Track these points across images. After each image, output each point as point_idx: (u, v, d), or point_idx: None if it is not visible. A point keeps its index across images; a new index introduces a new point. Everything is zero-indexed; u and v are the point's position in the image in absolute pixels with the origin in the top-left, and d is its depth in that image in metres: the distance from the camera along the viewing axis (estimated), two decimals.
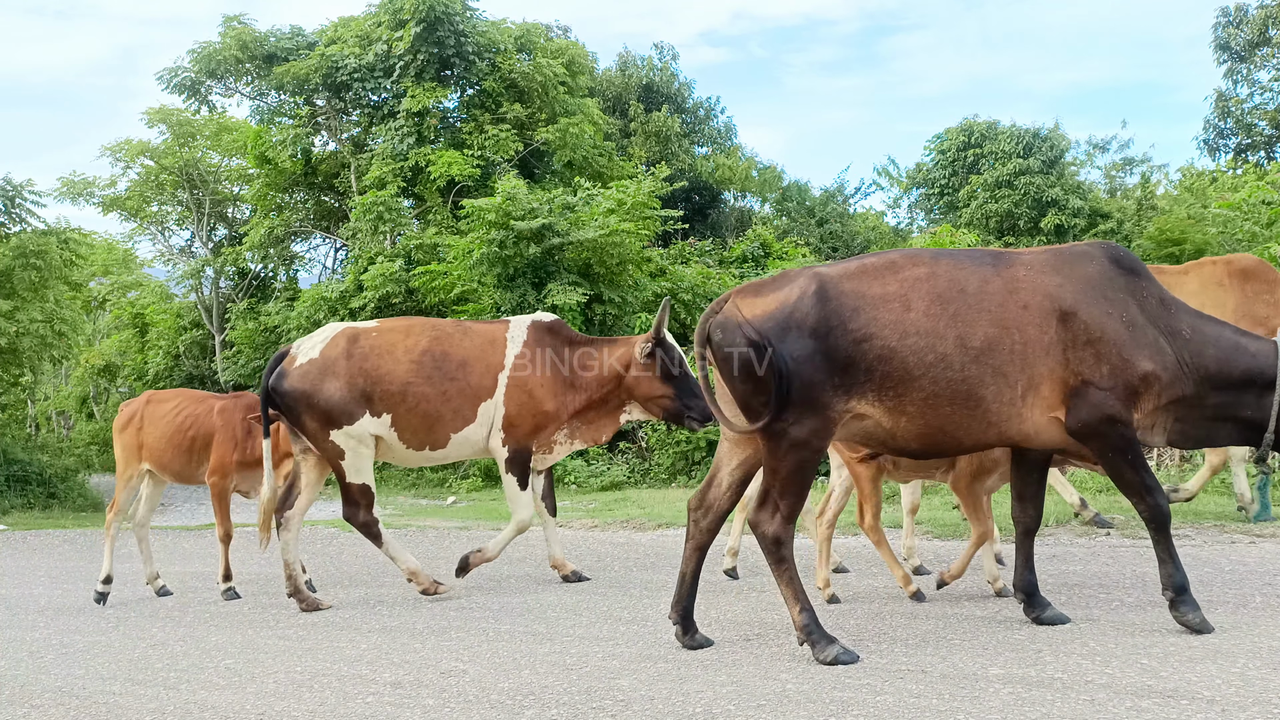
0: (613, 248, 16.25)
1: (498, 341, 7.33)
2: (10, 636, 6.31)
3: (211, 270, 24.41)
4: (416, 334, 7.30)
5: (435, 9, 19.98)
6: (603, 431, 7.55)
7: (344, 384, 7.09)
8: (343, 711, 4.34)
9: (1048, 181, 23.22)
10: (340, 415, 7.06)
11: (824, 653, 4.66)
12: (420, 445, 7.24)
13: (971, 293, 4.78)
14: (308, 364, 7.18)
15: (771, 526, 4.89)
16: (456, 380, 7.20)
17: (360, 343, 7.23)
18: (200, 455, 7.76)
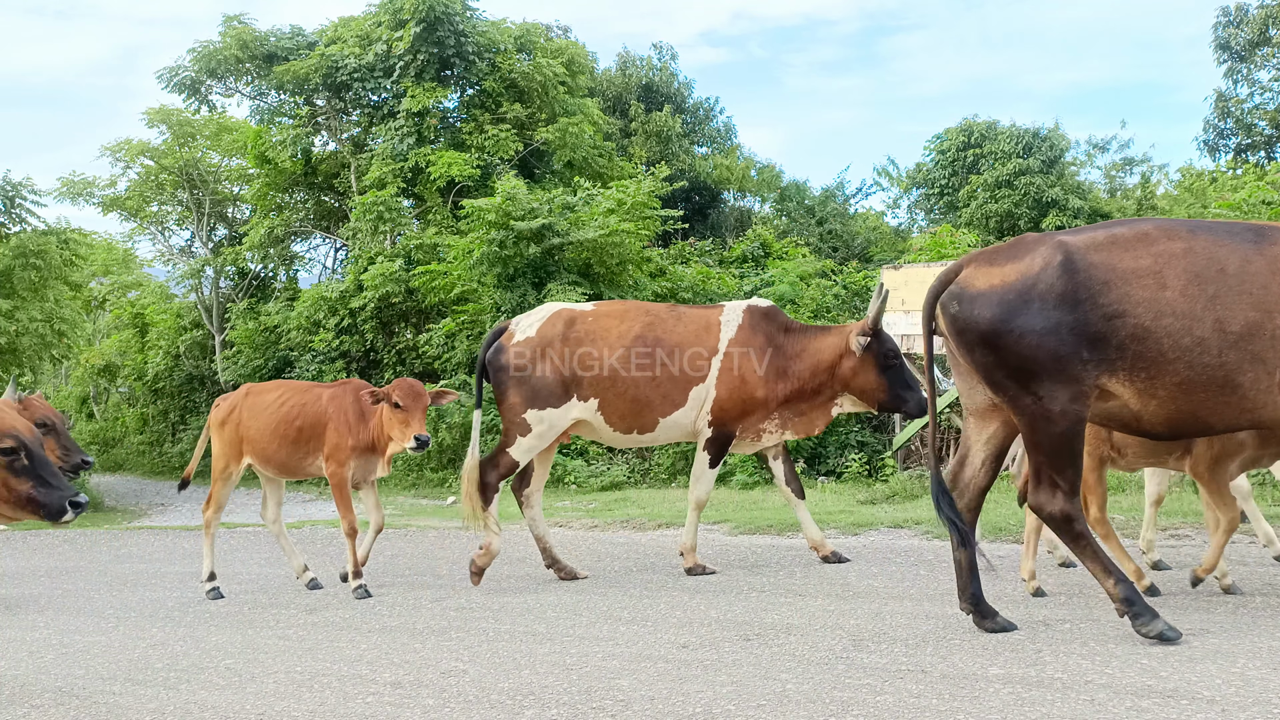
0: (613, 248, 16.25)
1: (711, 326, 7.32)
2: (10, 636, 6.31)
3: (211, 270, 24.39)
4: (631, 319, 7.35)
5: (435, 9, 19.98)
6: (815, 424, 7.43)
7: (557, 365, 7.20)
8: (343, 711, 4.34)
9: (1048, 181, 23.22)
10: (547, 396, 7.18)
11: (1148, 626, 4.54)
12: (628, 429, 7.29)
13: (1232, 273, 4.55)
14: (524, 341, 7.32)
15: (1056, 505, 4.74)
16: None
17: (576, 326, 7.32)
18: (309, 446, 7.47)
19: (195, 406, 24.91)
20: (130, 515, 16.23)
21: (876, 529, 8.89)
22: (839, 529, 9.01)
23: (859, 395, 7.23)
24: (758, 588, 6.56)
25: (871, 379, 7.12)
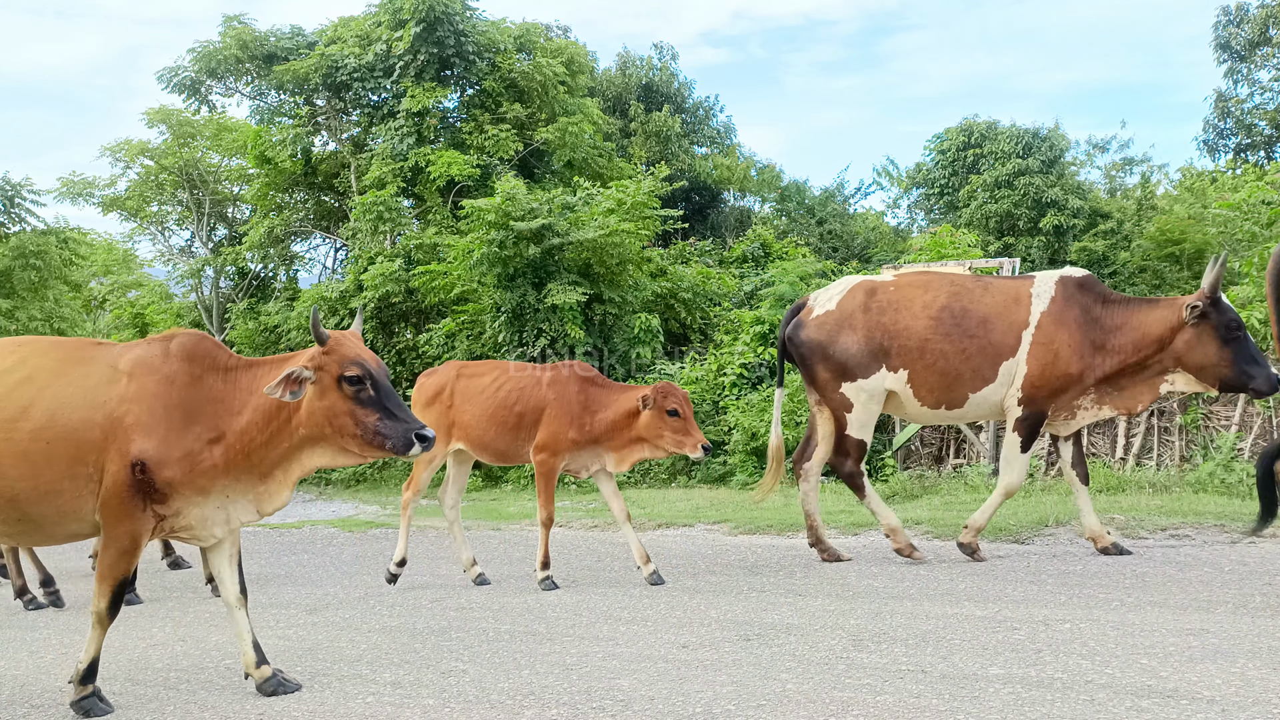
0: (612, 248, 16.25)
1: (1022, 298, 7.02)
2: (10, 636, 6.31)
3: (211, 270, 24.41)
4: (935, 289, 7.16)
5: (435, 9, 19.98)
6: (1138, 400, 7.01)
7: (861, 337, 7.10)
8: (343, 711, 4.34)
9: (1047, 181, 23.21)
10: (855, 368, 7.08)
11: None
12: (936, 403, 7.10)
13: None
14: (824, 315, 7.23)
15: None
16: (977, 338, 6.97)
17: (878, 296, 7.19)
18: (529, 433, 7.05)
19: None
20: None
21: (877, 529, 8.88)
22: (839, 529, 9.01)
23: (1196, 373, 6.76)
24: (758, 588, 6.56)
25: (1211, 353, 6.63)
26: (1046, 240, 22.39)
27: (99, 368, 4.58)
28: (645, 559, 6.97)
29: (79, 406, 4.47)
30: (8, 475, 4.44)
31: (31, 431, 4.42)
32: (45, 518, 4.51)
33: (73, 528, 4.60)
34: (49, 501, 4.47)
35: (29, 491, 4.45)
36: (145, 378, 4.55)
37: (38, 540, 4.78)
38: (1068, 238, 22.27)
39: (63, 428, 4.43)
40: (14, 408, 4.47)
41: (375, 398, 4.50)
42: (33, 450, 4.42)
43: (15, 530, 4.62)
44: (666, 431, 6.73)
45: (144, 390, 4.52)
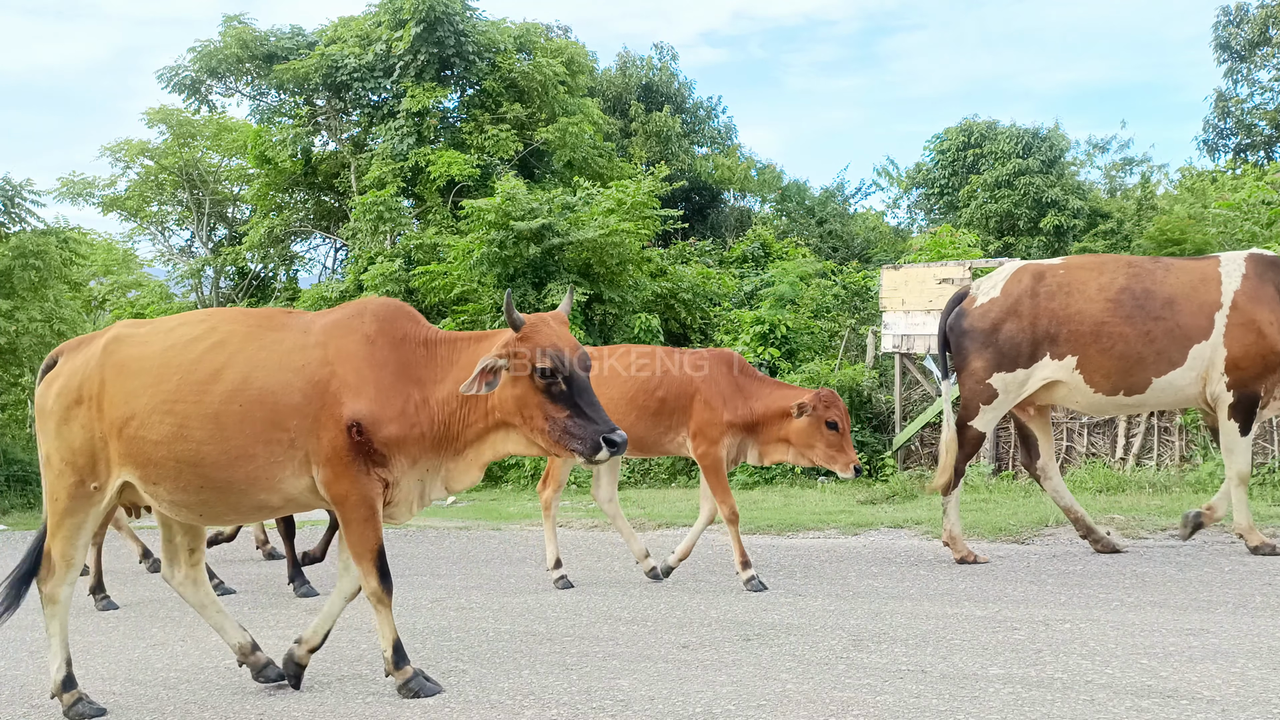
0: (612, 248, 16.25)
1: (1210, 279, 6.75)
2: (10, 636, 6.31)
3: (211, 270, 24.42)
4: (1111, 271, 6.88)
5: (435, 9, 19.99)
6: None
7: (1026, 324, 6.86)
8: (343, 711, 4.34)
9: (1047, 181, 23.22)
10: (1016, 357, 6.85)
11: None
12: (1113, 389, 6.78)
13: None
14: (989, 303, 6.99)
15: None
16: (1162, 320, 6.68)
17: (1046, 280, 6.94)
18: (671, 420, 6.61)
19: None
20: None
21: (876, 529, 8.88)
22: (839, 529, 9.01)
23: None
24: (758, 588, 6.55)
25: None
26: (1046, 240, 22.40)
27: (292, 333, 4.50)
28: (745, 564, 6.53)
29: (276, 370, 4.38)
30: (193, 438, 4.35)
31: (224, 394, 4.34)
32: (233, 484, 4.39)
33: (261, 497, 4.47)
34: (238, 467, 4.36)
35: (217, 455, 4.35)
36: (344, 339, 4.44)
37: (221, 513, 4.62)
38: (1068, 238, 22.27)
39: (258, 390, 4.34)
40: (206, 371, 4.39)
41: (567, 393, 4.24)
42: (225, 413, 4.33)
43: (198, 501, 4.48)
44: (819, 443, 6.36)
45: (345, 351, 4.41)
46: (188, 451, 4.35)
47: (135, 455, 4.44)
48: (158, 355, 4.51)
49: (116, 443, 4.47)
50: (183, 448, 4.35)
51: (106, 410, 4.49)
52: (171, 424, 4.37)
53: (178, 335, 4.56)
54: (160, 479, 4.43)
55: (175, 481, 4.41)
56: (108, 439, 4.50)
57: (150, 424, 4.40)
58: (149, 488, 4.48)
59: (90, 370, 4.59)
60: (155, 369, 4.47)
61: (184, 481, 4.41)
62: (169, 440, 4.37)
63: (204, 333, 4.52)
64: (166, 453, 4.38)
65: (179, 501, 4.49)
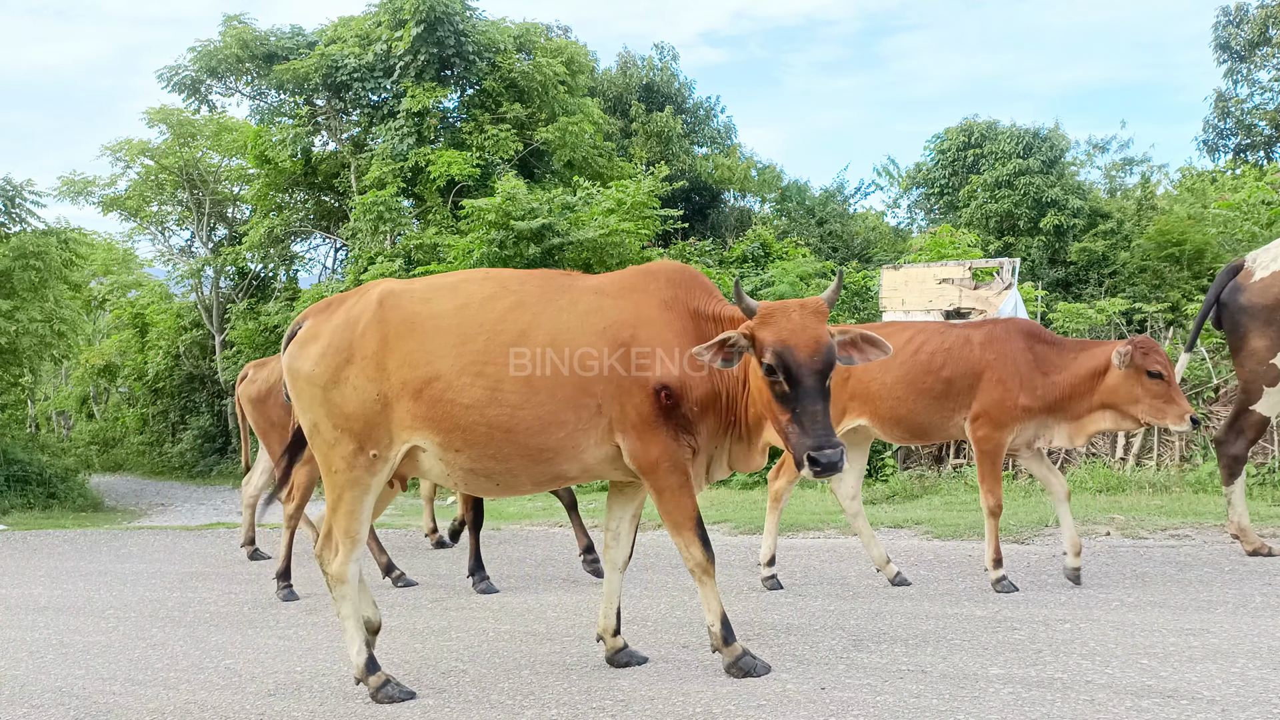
0: (613, 248, 16.26)
1: None
2: (10, 636, 6.31)
3: (211, 270, 24.41)
4: None
5: (435, 9, 19.98)
6: None
7: None
8: (343, 711, 4.34)
9: (1048, 182, 23.20)
10: None
11: None
12: None
13: None
14: (1271, 276, 6.49)
15: None
16: None
17: None
18: (958, 401, 5.97)
19: (195, 406, 24.95)
20: (130, 515, 16.23)
21: (876, 529, 8.88)
22: (839, 529, 9.01)
23: None
24: (758, 588, 6.55)
25: None
26: (1046, 240, 22.38)
27: (585, 295, 4.37)
28: (1077, 551, 6.07)
29: (579, 332, 4.25)
30: (508, 402, 4.17)
31: (534, 357, 4.20)
32: (543, 451, 4.23)
33: (563, 466, 4.31)
34: (550, 433, 4.21)
35: (531, 420, 4.19)
36: (643, 302, 4.30)
37: (521, 484, 4.43)
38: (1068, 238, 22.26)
39: (565, 354, 4.22)
40: (512, 332, 4.23)
41: (789, 395, 3.91)
42: (537, 376, 4.19)
43: (503, 470, 4.30)
44: (1145, 397, 5.63)
45: (645, 315, 4.28)
46: (502, 416, 4.16)
47: (438, 420, 4.22)
48: (453, 313, 4.30)
49: (411, 405, 4.23)
50: (496, 412, 4.17)
51: (393, 370, 4.25)
52: (484, 387, 4.17)
53: (468, 293, 4.36)
54: (465, 445, 4.23)
55: (484, 448, 4.22)
56: (392, 402, 4.26)
57: (459, 387, 4.18)
58: (447, 455, 4.27)
59: (363, 328, 4.34)
60: (455, 328, 4.27)
61: (493, 449, 4.22)
62: (482, 404, 4.17)
63: (497, 291, 4.34)
64: (479, 417, 4.18)
65: (480, 470, 4.29)
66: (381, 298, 4.39)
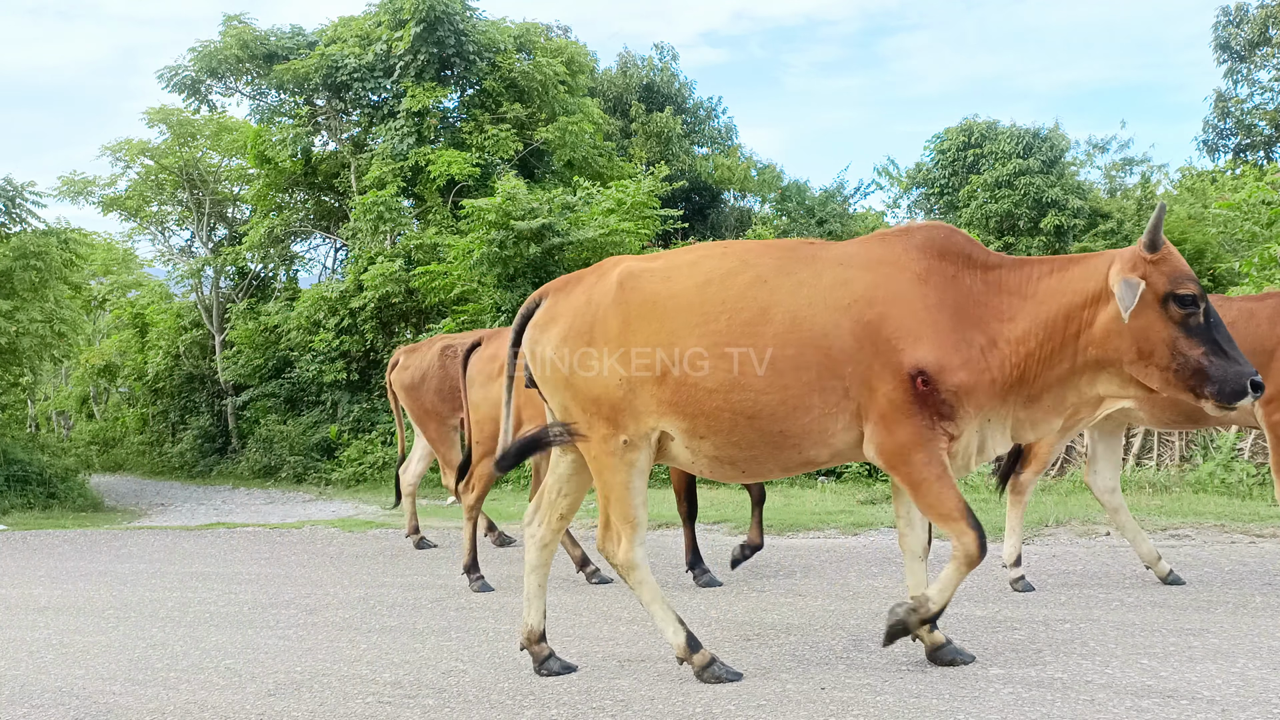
0: (613, 247, 16.25)
1: None
2: (10, 636, 6.31)
3: (211, 270, 24.41)
4: None
5: (435, 9, 19.98)
6: None
7: None
8: (343, 711, 4.34)
9: (1048, 182, 23.21)
10: None
11: None
12: None
13: None
14: None
15: None
16: None
17: None
18: None
19: (195, 406, 24.94)
20: (130, 515, 16.23)
21: (876, 529, 8.88)
22: (839, 529, 9.01)
23: None
24: (758, 588, 6.56)
25: None
26: (1047, 240, 22.38)
27: (829, 267, 4.04)
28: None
29: (822, 308, 3.95)
30: (752, 386, 3.93)
31: (777, 337, 3.93)
32: (788, 437, 3.98)
33: (812, 452, 4.05)
34: (796, 418, 3.94)
35: (776, 405, 3.93)
36: (893, 276, 3.97)
37: (769, 470, 4.20)
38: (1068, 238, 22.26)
39: (809, 333, 3.93)
40: (753, 310, 3.96)
41: (1205, 327, 3.71)
42: (780, 358, 3.92)
43: (747, 457, 4.07)
44: None
45: (895, 290, 3.95)
46: (745, 402, 3.94)
47: (683, 405, 4.02)
48: (693, 292, 4.08)
49: (655, 390, 4.05)
50: (740, 397, 3.95)
51: (635, 354, 4.08)
52: (726, 370, 3.96)
53: (707, 270, 4.12)
54: (710, 432, 4.03)
55: (728, 435, 4.01)
56: (637, 386, 4.08)
57: (702, 370, 3.99)
58: (693, 442, 4.08)
59: (603, 309, 4.17)
60: (696, 307, 4.04)
61: (738, 436, 4.01)
62: (725, 389, 3.96)
63: (737, 266, 4.07)
64: (722, 403, 3.97)
65: (725, 458, 4.09)
66: (621, 279, 4.20)
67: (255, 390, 22.20)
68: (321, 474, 18.95)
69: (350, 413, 19.92)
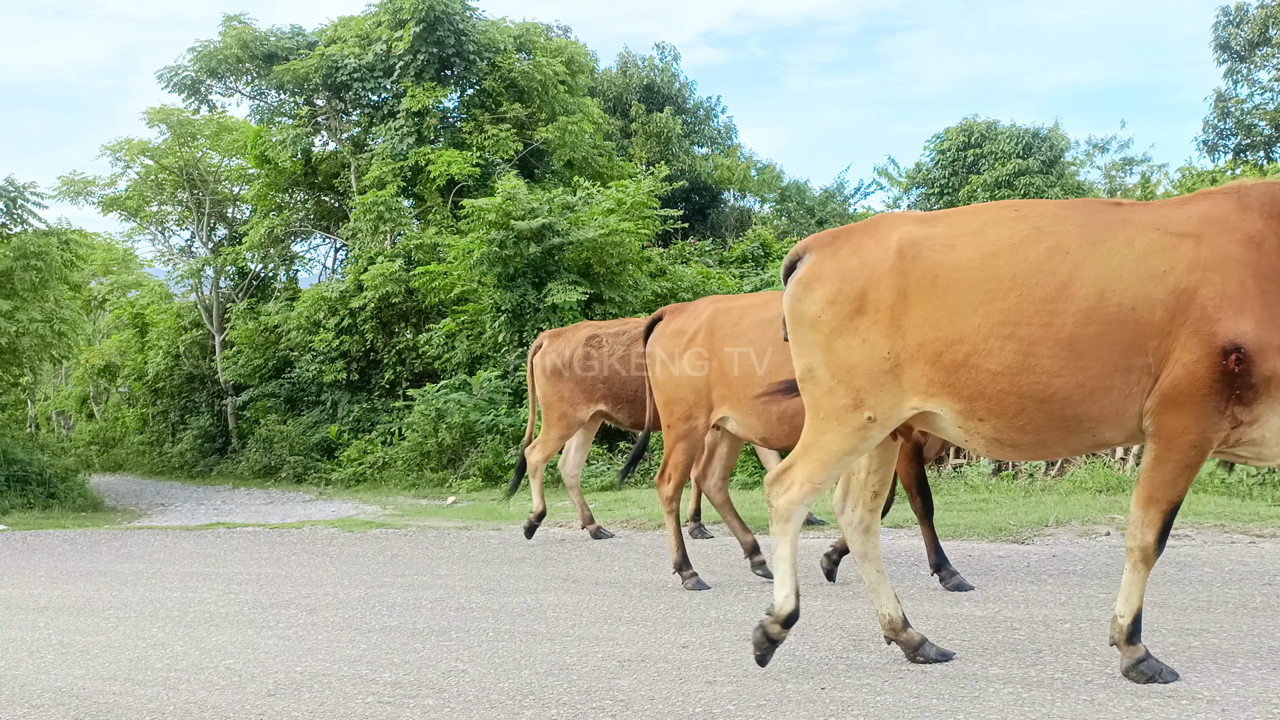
0: (612, 247, 16.27)
1: None
2: (10, 636, 6.31)
3: (211, 270, 24.42)
4: None
5: (435, 8, 20.00)
6: None
7: None
8: (343, 711, 4.34)
9: (1047, 181, 23.23)
10: None
11: None
12: None
13: None
14: None
15: None
16: None
17: None
18: None
19: (195, 406, 24.95)
20: (130, 515, 16.24)
21: None
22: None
23: None
24: (758, 588, 6.55)
25: None
26: None
27: (1141, 231, 3.69)
28: None
29: (1132, 279, 3.60)
30: (1043, 369, 3.64)
31: (1078, 314, 3.61)
32: (1083, 421, 3.69)
33: (1106, 435, 3.77)
34: (1094, 401, 3.64)
35: (1071, 389, 3.63)
36: (1220, 239, 3.58)
37: (1055, 453, 3.96)
38: None
39: (1116, 307, 3.58)
40: (1049, 285, 3.64)
41: None
42: (1080, 337, 3.59)
43: (1033, 441, 3.80)
44: None
45: (1222, 255, 3.56)
46: (1035, 385, 3.65)
47: (960, 387, 3.76)
48: (979, 264, 3.78)
49: (927, 369, 3.81)
50: (1029, 380, 3.66)
51: (910, 330, 3.82)
52: (1015, 351, 3.67)
53: (995, 238, 3.81)
54: (990, 415, 3.76)
55: (1012, 420, 3.73)
56: (904, 363, 3.84)
57: (987, 351, 3.69)
58: (968, 423, 3.82)
59: (879, 276, 3.90)
60: (981, 281, 3.75)
61: (1023, 420, 3.72)
62: (1012, 372, 3.67)
63: (1029, 234, 3.75)
64: (1007, 386, 3.68)
65: (1007, 440, 3.84)
66: (901, 246, 3.92)
67: (255, 390, 22.23)
68: (321, 474, 18.96)
69: (350, 413, 19.93)
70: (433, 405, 16.57)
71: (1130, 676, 3.98)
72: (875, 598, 4.38)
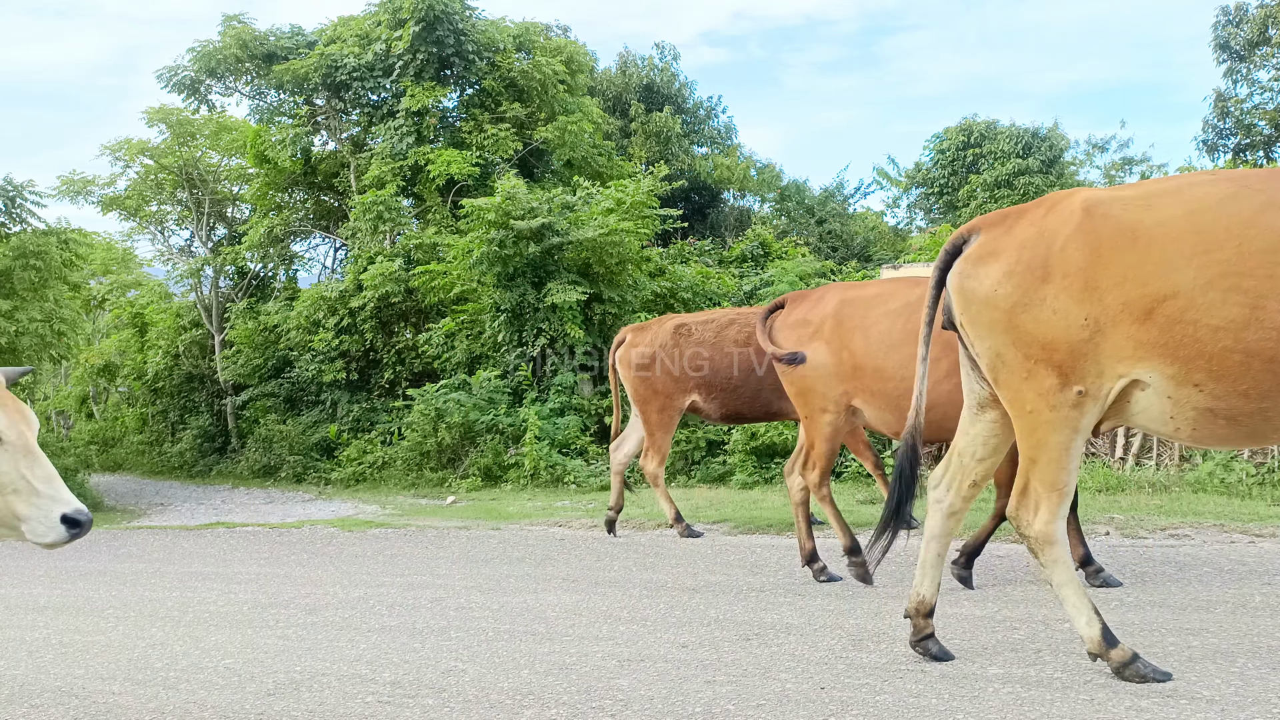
0: (612, 247, 16.26)
1: None
2: (10, 636, 6.31)
3: (211, 270, 24.40)
4: None
5: (435, 8, 19.98)
6: None
7: None
8: (343, 711, 4.34)
9: (1047, 181, 23.23)
10: None
11: None
12: None
13: None
14: None
15: None
16: None
17: None
18: None
19: (195, 406, 24.94)
20: (130, 515, 16.23)
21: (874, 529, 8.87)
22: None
23: None
24: (758, 588, 6.56)
25: None
26: None
27: None
28: None
29: None
30: (1275, 324, 3.43)
31: None
32: None
33: None
34: None
35: None
36: None
37: (1265, 428, 3.70)
38: None
39: None
40: (1270, 237, 3.48)
41: None
42: None
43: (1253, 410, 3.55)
44: None
45: None
46: (1265, 342, 3.42)
47: (1175, 346, 3.54)
48: (1184, 219, 3.59)
49: (1135, 329, 3.60)
50: (1257, 336, 3.43)
51: (1109, 289, 3.62)
52: (1241, 304, 3.45)
53: (1197, 196, 3.64)
54: (1210, 378, 3.53)
55: (1235, 382, 3.50)
56: (1106, 327, 3.64)
57: (1205, 305, 3.48)
58: (1180, 390, 3.60)
59: (1062, 240, 3.75)
60: (1191, 234, 3.56)
61: (1248, 383, 3.49)
62: (1237, 326, 3.46)
63: (1236, 191, 3.59)
64: (1231, 343, 3.47)
65: (1222, 410, 3.59)
66: (1087, 206, 3.77)
67: (255, 390, 22.21)
68: (321, 474, 18.95)
69: (350, 412, 19.92)
70: (432, 405, 16.57)
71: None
72: (922, 575, 4.35)
